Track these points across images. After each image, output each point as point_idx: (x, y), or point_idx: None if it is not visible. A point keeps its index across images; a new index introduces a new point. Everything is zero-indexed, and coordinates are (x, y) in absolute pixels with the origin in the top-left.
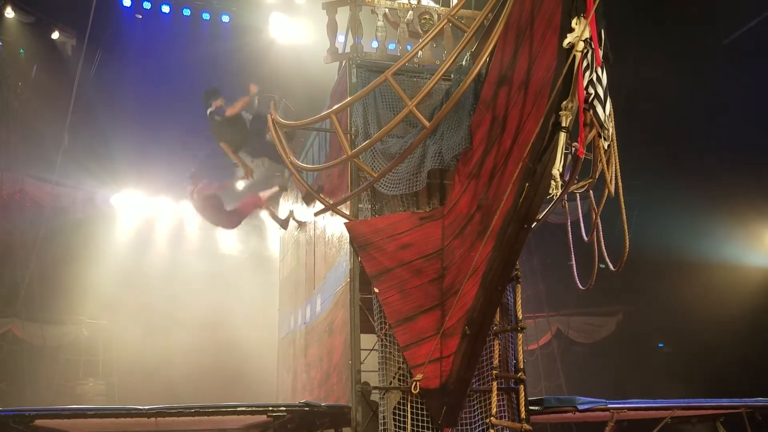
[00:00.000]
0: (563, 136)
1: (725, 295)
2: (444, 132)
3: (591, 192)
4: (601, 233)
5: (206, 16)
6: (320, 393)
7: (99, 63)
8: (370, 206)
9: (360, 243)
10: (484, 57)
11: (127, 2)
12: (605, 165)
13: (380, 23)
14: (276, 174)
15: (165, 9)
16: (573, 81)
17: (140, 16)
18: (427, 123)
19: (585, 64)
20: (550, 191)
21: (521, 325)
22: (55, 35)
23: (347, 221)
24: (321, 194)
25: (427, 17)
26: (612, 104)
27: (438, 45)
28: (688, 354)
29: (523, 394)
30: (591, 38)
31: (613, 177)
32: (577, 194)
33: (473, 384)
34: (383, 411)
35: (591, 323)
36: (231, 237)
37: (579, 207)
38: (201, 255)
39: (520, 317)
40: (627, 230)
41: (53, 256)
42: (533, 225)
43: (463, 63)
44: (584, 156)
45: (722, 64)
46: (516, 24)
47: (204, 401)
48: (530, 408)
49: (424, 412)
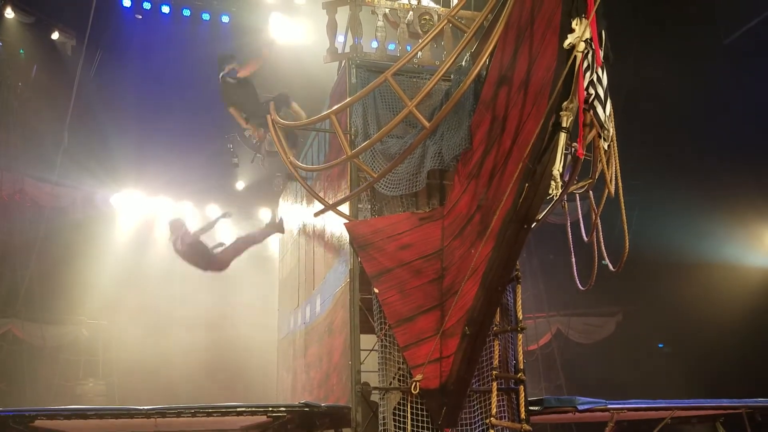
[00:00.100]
0: (563, 137)
1: (725, 296)
2: (444, 132)
3: (591, 192)
4: (601, 233)
5: (206, 17)
6: (320, 393)
7: (99, 63)
8: (370, 206)
9: (360, 243)
10: (484, 57)
11: (127, 2)
12: (605, 165)
13: (380, 23)
14: (276, 174)
15: (165, 9)
16: (574, 81)
17: (140, 17)
18: (427, 123)
19: (586, 65)
20: (550, 192)
21: (521, 326)
22: (55, 35)
23: (347, 221)
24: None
25: (427, 18)
26: (612, 104)
27: (438, 45)
28: (688, 354)
29: (523, 395)
30: (592, 39)
31: (613, 177)
32: (577, 195)
33: (473, 384)
34: (383, 411)
35: (591, 323)
36: (231, 237)
37: (579, 207)
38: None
39: (520, 317)
40: (627, 230)
41: (53, 256)
42: (533, 225)
43: (463, 63)
44: (584, 156)
45: (722, 64)
46: (516, 24)
47: (204, 401)
48: (530, 408)
49: (424, 413)
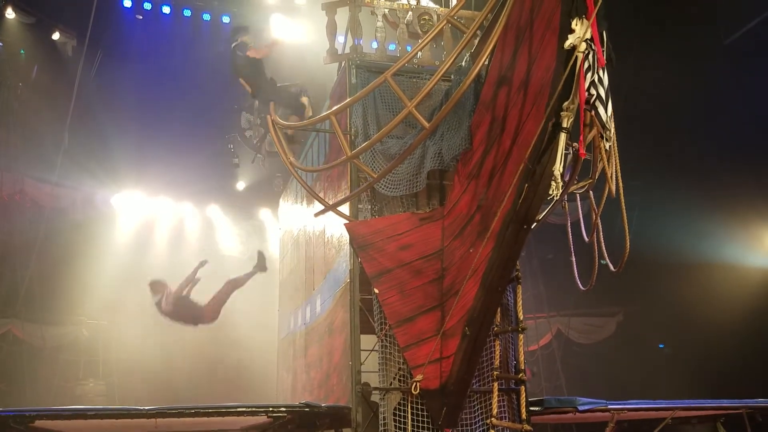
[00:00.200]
0: (563, 137)
1: (725, 296)
2: (444, 133)
3: (591, 192)
4: (602, 234)
5: (207, 17)
6: (320, 393)
7: (99, 64)
8: (370, 207)
9: (360, 244)
10: (484, 58)
11: (128, 3)
12: (606, 165)
13: (380, 24)
14: (277, 174)
15: (166, 10)
16: (574, 82)
17: (141, 17)
18: (427, 124)
19: (587, 66)
20: (550, 192)
21: (522, 326)
22: (56, 36)
23: (347, 222)
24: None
25: (427, 18)
26: (612, 104)
27: (437, 46)
28: (689, 354)
29: (524, 395)
30: (593, 39)
31: (614, 177)
32: (577, 195)
33: (474, 385)
34: (383, 412)
35: (591, 324)
36: (231, 237)
37: (579, 207)
38: (201, 255)
39: (521, 318)
40: (627, 231)
41: (53, 257)
42: (533, 225)
43: (463, 64)
44: (584, 156)
45: (722, 64)
46: (515, 24)
47: (204, 401)
48: (531, 409)
49: (425, 413)
